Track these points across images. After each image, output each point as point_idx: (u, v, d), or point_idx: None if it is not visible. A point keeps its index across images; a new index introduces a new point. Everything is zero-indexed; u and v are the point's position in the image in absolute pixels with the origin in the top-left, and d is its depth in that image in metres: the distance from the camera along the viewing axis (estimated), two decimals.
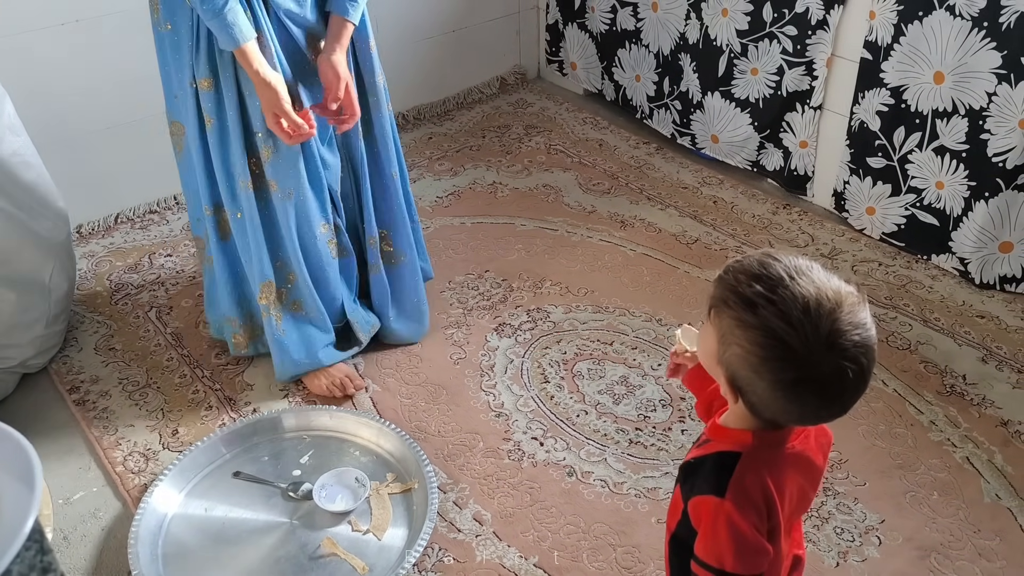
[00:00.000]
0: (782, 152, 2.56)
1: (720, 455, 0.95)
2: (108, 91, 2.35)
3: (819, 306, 0.84)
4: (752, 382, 0.88)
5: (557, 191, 2.64)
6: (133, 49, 2.35)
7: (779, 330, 0.84)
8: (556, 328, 2.11)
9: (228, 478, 1.73)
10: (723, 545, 0.92)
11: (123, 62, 2.34)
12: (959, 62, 2.05)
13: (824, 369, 0.84)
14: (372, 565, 1.56)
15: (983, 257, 2.16)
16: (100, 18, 2.27)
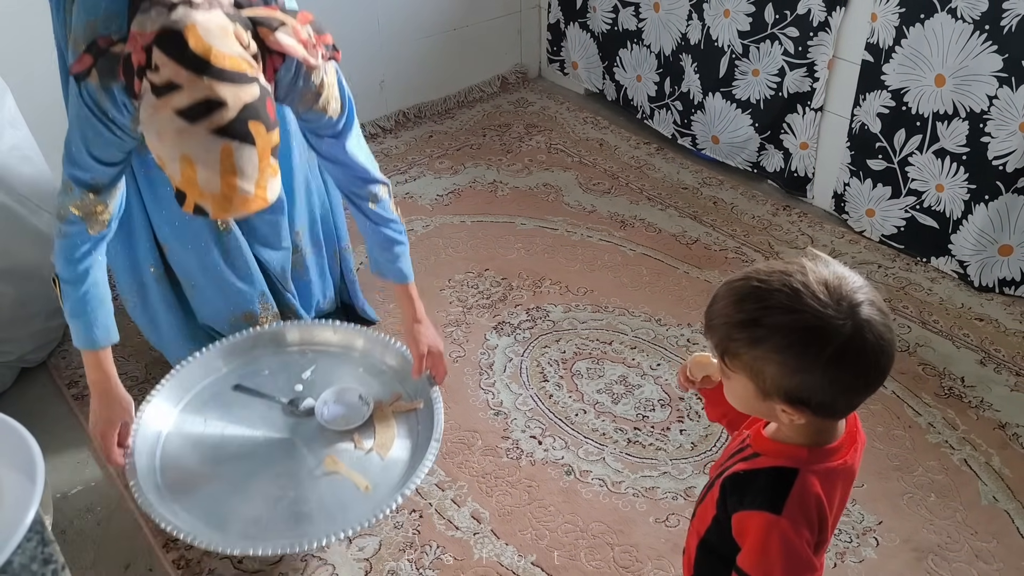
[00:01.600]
0: (782, 153, 2.56)
1: (776, 470, 0.94)
2: None
3: (805, 286, 0.85)
4: (807, 384, 0.86)
5: (557, 190, 2.64)
6: None
7: (793, 322, 0.84)
8: (555, 327, 2.11)
9: (227, 392, 1.66)
10: (774, 562, 0.91)
11: None
12: (960, 65, 2.05)
13: (850, 327, 0.84)
14: (375, 484, 1.50)
15: (982, 260, 2.16)
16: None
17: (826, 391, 0.86)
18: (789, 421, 0.91)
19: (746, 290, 0.88)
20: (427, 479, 1.70)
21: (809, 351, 0.84)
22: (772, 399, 0.89)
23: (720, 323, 0.89)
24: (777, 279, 0.86)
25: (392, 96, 2.97)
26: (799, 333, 0.84)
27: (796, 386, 0.86)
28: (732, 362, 0.90)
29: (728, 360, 0.90)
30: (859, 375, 0.86)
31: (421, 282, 2.24)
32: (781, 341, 0.85)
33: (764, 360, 0.86)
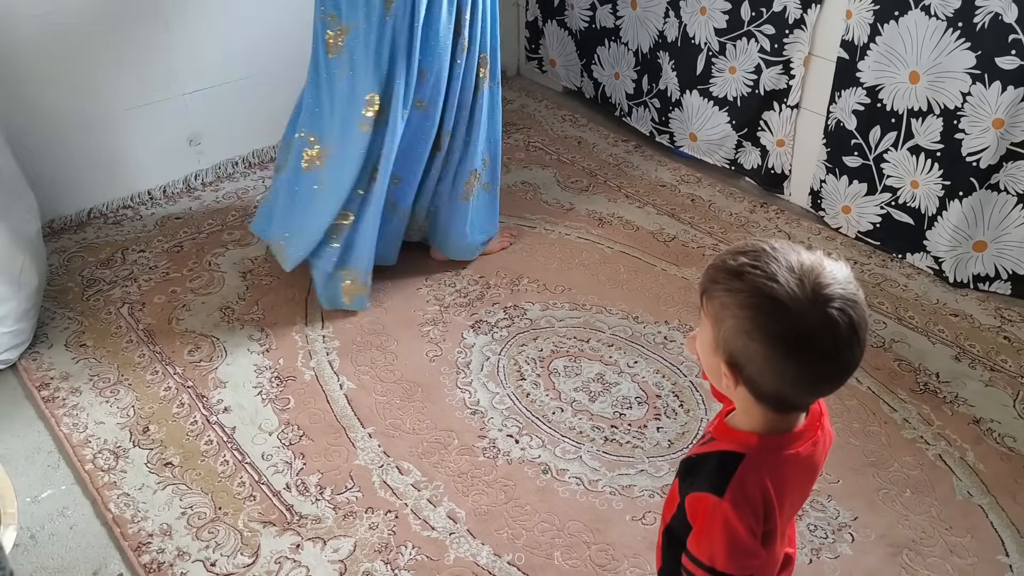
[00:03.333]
0: (759, 151, 2.56)
1: (723, 454, 0.95)
2: (80, 86, 2.32)
3: (801, 265, 0.87)
4: (747, 350, 0.88)
5: (536, 188, 2.63)
6: (108, 43, 2.32)
7: (765, 288, 0.86)
8: (533, 325, 2.10)
9: None
10: (716, 544, 0.92)
11: (97, 55, 2.31)
12: (934, 62, 2.06)
13: (813, 319, 0.85)
14: None
15: (957, 256, 2.18)
16: (76, 10, 2.23)
17: (759, 366, 0.88)
18: (727, 386, 0.92)
19: (749, 248, 0.90)
20: (403, 479, 1.70)
21: (760, 318, 0.86)
22: (719, 354, 0.91)
23: (716, 263, 0.92)
24: (779, 252, 0.88)
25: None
26: (763, 299, 0.86)
27: (739, 348, 0.88)
28: (706, 304, 0.92)
29: (705, 301, 0.92)
30: (800, 369, 0.87)
31: (397, 282, 2.24)
32: (747, 300, 0.87)
33: (727, 310, 0.89)
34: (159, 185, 2.58)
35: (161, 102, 2.48)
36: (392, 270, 2.26)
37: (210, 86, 2.56)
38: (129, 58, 2.37)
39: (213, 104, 2.58)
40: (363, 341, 2.05)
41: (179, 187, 2.61)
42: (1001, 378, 1.93)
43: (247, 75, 2.62)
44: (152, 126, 2.49)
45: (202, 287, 2.22)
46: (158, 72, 2.44)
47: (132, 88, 2.41)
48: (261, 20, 2.58)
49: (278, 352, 2.02)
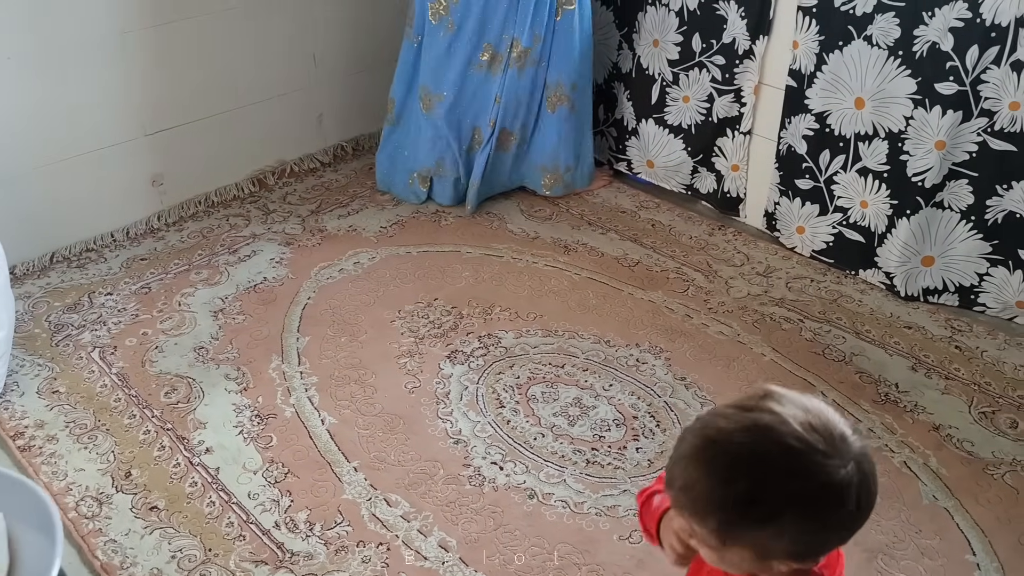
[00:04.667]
0: (715, 175, 2.66)
1: None
2: (40, 129, 2.30)
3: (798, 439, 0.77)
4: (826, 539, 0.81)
5: (500, 218, 2.69)
6: (69, 84, 2.31)
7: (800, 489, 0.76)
8: (508, 353, 2.14)
9: None
10: None
11: (58, 97, 2.30)
12: (878, 88, 2.18)
13: (852, 471, 0.79)
14: None
15: (907, 271, 2.29)
16: (34, 54, 2.22)
17: (844, 537, 0.82)
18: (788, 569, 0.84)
19: (725, 460, 0.78)
20: (391, 511, 1.71)
21: (830, 512, 0.77)
22: (773, 560, 0.81)
23: (707, 507, 0.79)
24: (756, 437, 0.77)
25: (330, 130, 2.98)
26: (815, 499, 0.76)
27: (813, 544, 0.80)
28: (732, 541, 0.80)
29: (728, 540, 0.80)
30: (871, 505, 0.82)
31: (371, 314, 2.26)
32: (796, 513, 0.76)
33: (776, 535, 0.78)
34: (122, 226, 2.56)
35: (123, 143, 2.47)
36: (365, 303, 2.29)
37: (172, 126, 2.56)
38: (91, 99, 2.36)
39: (175, 144, 2.58)
40: (341, 376, 2.07)
41: (142, 228, 2.59)
42: (956, 386, 2.03)
43: (209, 114, 2.63)
44: (114, 167, 2.48)
45: (173, 328, 2.22)
46: (120, 113, 2.44)
47: (93, 130, 2.40)
48: (222, 60, 2.59)
49: (256, 390, 2.02)
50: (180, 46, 2.49)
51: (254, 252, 2.52)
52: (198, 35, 2.52)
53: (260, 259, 2.48)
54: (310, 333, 2.20)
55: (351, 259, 2.49)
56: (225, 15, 2.55)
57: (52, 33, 2.23)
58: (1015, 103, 1.98)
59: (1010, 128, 2.01)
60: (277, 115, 2.80)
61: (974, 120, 2.05)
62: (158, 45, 2.44)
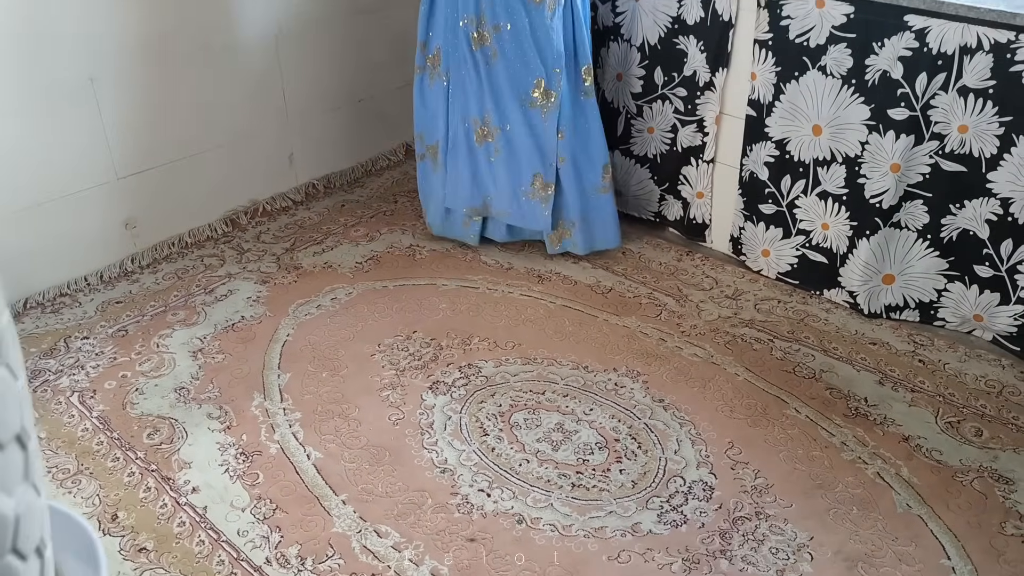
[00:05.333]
0: (681, 203, 2.74)
1: None
2: (11, 174, 2.30)
3: None
4: None
5: (474, 250, 2.73)
6: (37, 131, 2.32)
7: None
8: (489, 382, 2.18)
9: None
10: None
11: (28, 144, 2.31)
12: (834, 115, 2.28)
13: None
14: None
15: (869, 289, 2.38)
16: (4, 100, 2.23)
17: None
18: None
19: None
20: (382, 542, 1.73)
21: None
22: None
23: None
24: None
25: (302, 169, 3.01)
26: None
27: None
28: None
29: None
30: None
31: (351, 348, 2.28)
32: None
33: None
34: (96, 270, 2.56)
35: (95, 188, 2.48)
36: (344, 338, 2.31)
37: (144, 169, 2.58)
38: (62, 144, 2.38)
39: (148, 187, 2.60)
40: (324, 410, 2.08)
41: (116, 271, 2.59)
42: (922, 398, 2.11)
43: (180, 156, 2.65)
44: (87, 211, 2.48)
45: (153, 370, 2.22)
46: (92, 157, 2.45)
47: (66, 174, 2.41)
48: (192, 102, 2.62)
49: (240, 428, 2.03)
50: (150, 90, 2.52)
51: (230, 291, 2.53)
52: (168, 79, 2.55)
53: (237, 298, 2.50)
54: (291, 369, 2.22)
55: (328, 295, 2.52)
56: (194, 58, 2.59)
57: (23, 79, 2.25)
58: (963, 126, 2.09)
59: (960, 150, 2.12)
60: (248, 155, 2.83)
61: (926, 143, 2.16)
62: (129, 90, 2.47)
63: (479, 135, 2.56)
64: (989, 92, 2.02)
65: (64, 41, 2.29)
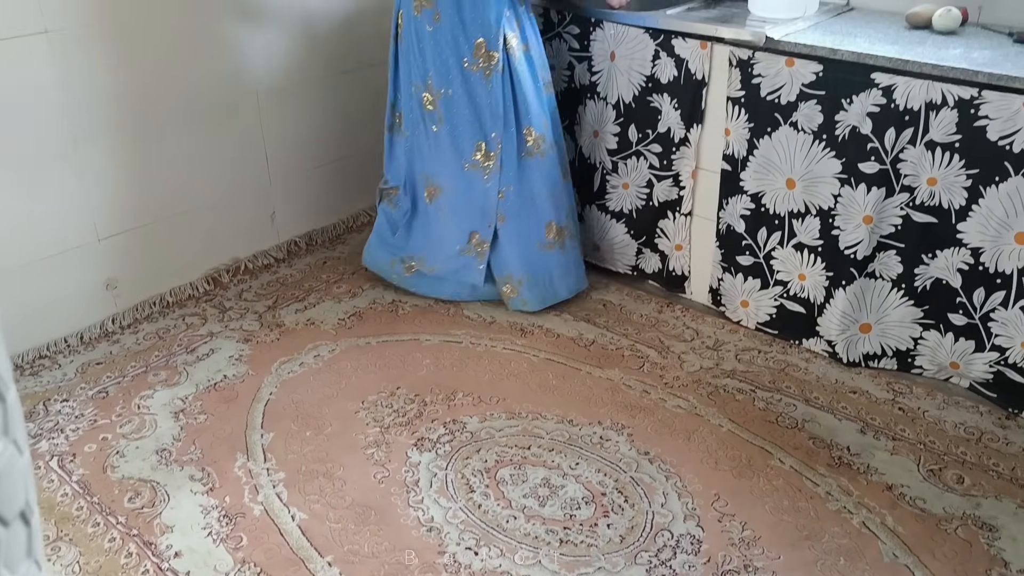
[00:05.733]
0: (659, 256, 2.78)
1: None
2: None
3: None
4: None
5: (456, 305, 2.75)
6: (18, 193, 2.32)
7: None
8: (474, 438, 2.17)
9: None
10: None
11: (8, 206, 2.31)
12: (806, 169, 2.34)
13: None
14: None
15: (847, 338, 2.41)
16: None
17: None
18: None
19: None
20: None
21: None
22: None
23: None
24: None
25: (283, 226, 3.03)
26: None
27: None
28: None
29: None
30: None
31: (335, 406, 2.27)
32: None
33: None
34: (76, 331, 2.54)
35: (76, 249, 2.48)
36: (328, 395, 2.31)
37: (126, 230, 2.58)
38: (43, 206, 2.38)
39: (129, 247, 2.60)
40: (308, 470, 2.07)
41: (96, 332, 2.58)
42: (903, 446, 2.13)
43: (162, 217, 2.66)
44: (67, 272, 2.48)
45: (134, 432, 2.19)
46: (73, 219, 2.45)
47: (46, 236, 2.41)
48: (174, 163, 2.64)
49: (223, 490, 2.01)
50: (133, 151, 2.53)
51: (212, 350, 2.52)
52: (151, 140, 2.57)
53: (219, 357, 2.49)
54: (274, 429, 2.20)
55: (311, 352, 2.52)
56: (177, 120, 2.61)
57: (6, 141, 2.26)
58: (932, 179, 2.15)
59: (929, 202, 2.18)
60: (230, 214, 2.84)
61: (897, 196, 2.22)
62: (111, 151, 2.48)
63: (429, 194, 2.66)
64: (955, 146, 2.09)
65: (48, 103, 2.31)
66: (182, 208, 2.70)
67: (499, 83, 2.47)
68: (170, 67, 2.55)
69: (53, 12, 2.26)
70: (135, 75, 2.48)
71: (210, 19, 2.61)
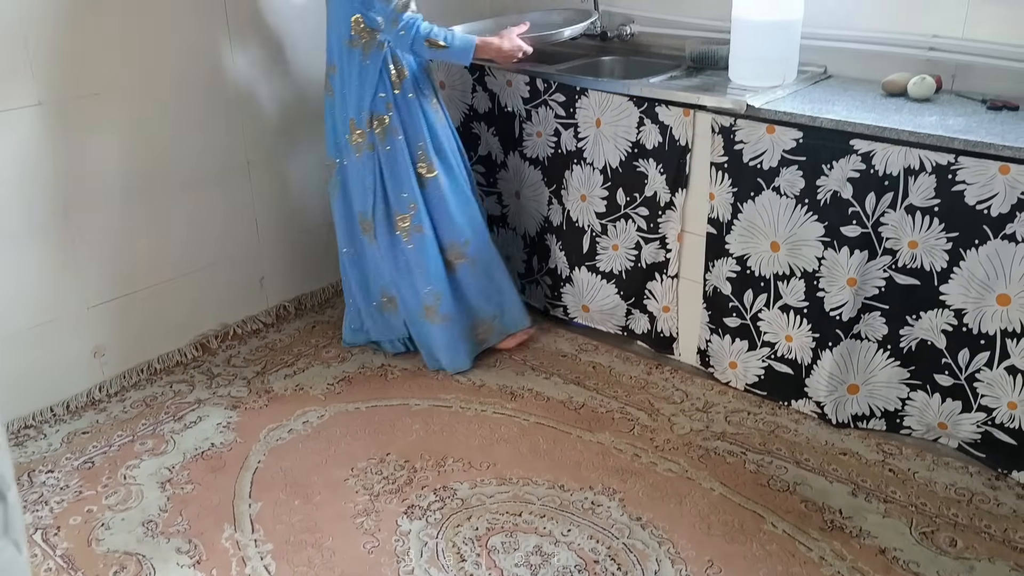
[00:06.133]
0: (648, 317, 2.80)
1: None
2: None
3: None
4: None
5: (445, 368, 2.75)
6: (7, 263, 2.33)
7: None
8: (464, 505, 2.15)
9: None
10: None
11: (2, 272, 2.31)
12: (790, 233, 2.38)
13: None
14: None
15: (836, 399, 2.43)
16: None
17: None
18: None
19: None
20: None
21: None
22: None
23: None
24: None
25: (272, 291, 3.03)
26: None
27: None
28: None
29: None
30: None
31: (324, 474, 2.25)
32: None
33: None
34: (62, 400, 2.52)
35: (64, 318, 2.47)
36: (317, 463, 2.29)
37: (114, 298, 2.58)
38: (32, 276, 2.38)
39: (117, 315, 2.60)
40: (297, 540, 2.04)
41: (83, 400, 2.56)
42: (895, 508, 2.13)
43: (151, 284, 2.66)
44: (56, 341, 2.47)
45: (119, 503, 2.16)
46: (64, 287, 2.45)
47: (34, 306, 2.41)
48: (163, 232, 2.66)
49: (210, 562, 1.98)
50: (123, 220, 2.55)
51: (200, 418, 2.50)
52: (141, 208, 2.59)
53: (207, 424, 2.47)
54: (262, 498, 2.18)
55: (300, 419, 2.50)
56: (168, 189, 2.64)
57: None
58: (913, 242, 2.19)
59: (912, 264, 2.21)
60: (219, 280, 2.85)
61: (879, 258, 2.25)
62: (101, 219, 2.50)
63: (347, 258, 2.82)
64: (935, 210, 2.13)
65: (40, 173, 2.33)
66: (172, 274, 2.71)
67: (372, 171, 2.56)
68: (160, 136, 2.58)
69: (47, 84, 2.29)
70: (125, 145, 2.50)
71: (199, 89, 2.65)
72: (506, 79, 2.84)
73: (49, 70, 2.29)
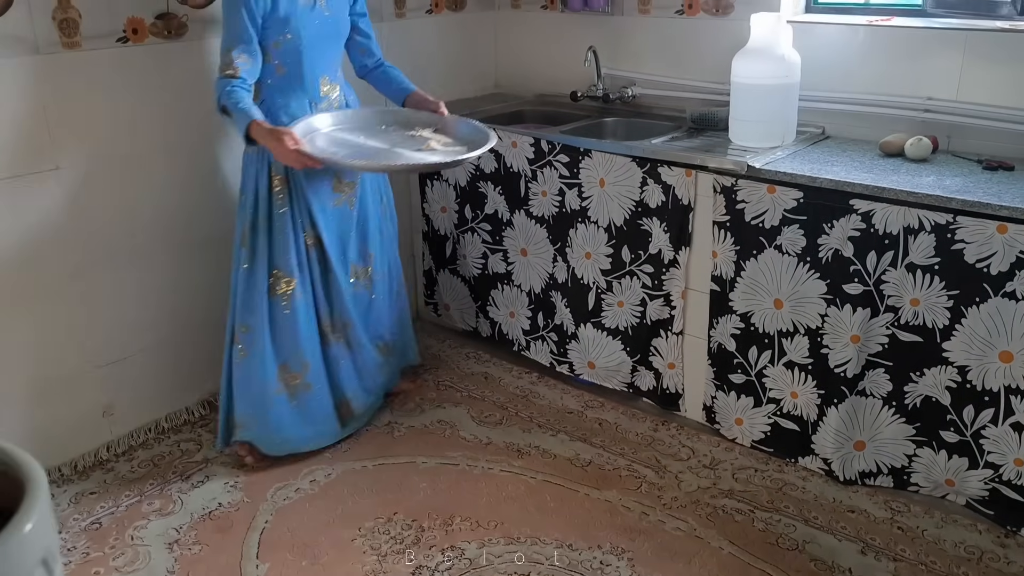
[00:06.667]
0: (653, 373, 2.82)
1: None
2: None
3: None
4: None
5: (452, 426, 2.76)
6: (12, 325, 2.35)
7: None
8: (473, 565, 2.15)
9: None
10: None
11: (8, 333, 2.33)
12: (793, 290, 2.41)
13: None
14: None
15: (842, 456, 2.43)
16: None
17: None
18: None
19: None
20: None
21: None
22: None
23: None
24: None
25: None
26: None
27: None
28: None
29: None
30: None
31: (331, 534, 2.25)
32: None
33: None
34: (69, 460, 2.53)
35: (71, 378, 2.49)
36: (324, 522, 2.28)
37: (122, 357, 2.60)
38: (38, 336, 2.40)
39: (128, 372, 2.62)
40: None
41: (90, 460, 2.56)
42: (904, 567, 2.12)
43: (159, 342, 2.69)
44: (66, 400, 2.48)
45: (127, 564, 2.16)
46: (68, 348, 2.47)
47: (46, 365, 2.43)
48: (170, 291, 2.69)
49: None
50: (134, 279, 2.59)
51: (207, 477, 2.50)
52: (152, 268, 2.62)
53: (214, 484, 2.47)
54: (269, 559, 2.17)
55: (306, 477, 2.50)
56: (179, 248, 2.68)
57: (11, 271, 2.30)
58: (915, 299, 2.22)
59: (914, 322, 2.24)
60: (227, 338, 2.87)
61: (882, 316, 2.28)
62: (113, 279, 2.53)
63: None
64: (935, 268, 2.16)
65: (53, 235, 2.37)
66: (180, 332, 2.73)
67: None
68: (171, 199, 2.63)
69: (65, 149, 2.35)
70: (137, 207, 2.55)
71: (212, 152, 2.71)
72: (511, 140, 2.90)
73: (65, 136, 2.34)
